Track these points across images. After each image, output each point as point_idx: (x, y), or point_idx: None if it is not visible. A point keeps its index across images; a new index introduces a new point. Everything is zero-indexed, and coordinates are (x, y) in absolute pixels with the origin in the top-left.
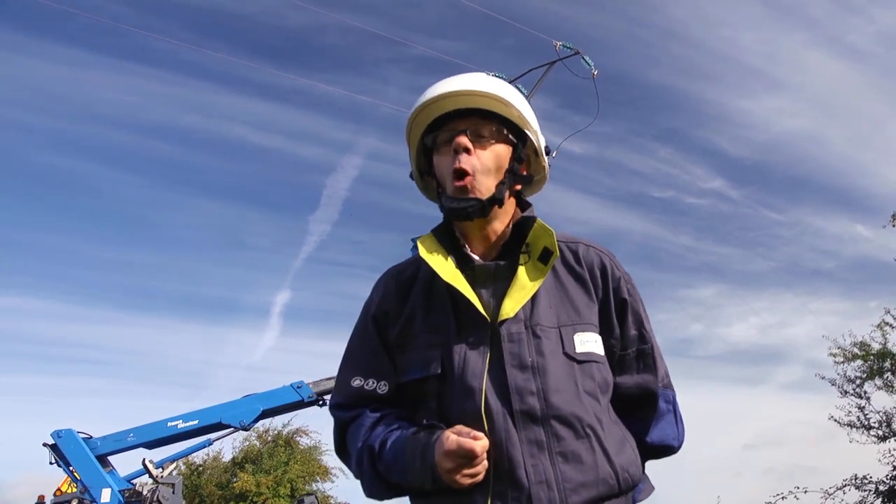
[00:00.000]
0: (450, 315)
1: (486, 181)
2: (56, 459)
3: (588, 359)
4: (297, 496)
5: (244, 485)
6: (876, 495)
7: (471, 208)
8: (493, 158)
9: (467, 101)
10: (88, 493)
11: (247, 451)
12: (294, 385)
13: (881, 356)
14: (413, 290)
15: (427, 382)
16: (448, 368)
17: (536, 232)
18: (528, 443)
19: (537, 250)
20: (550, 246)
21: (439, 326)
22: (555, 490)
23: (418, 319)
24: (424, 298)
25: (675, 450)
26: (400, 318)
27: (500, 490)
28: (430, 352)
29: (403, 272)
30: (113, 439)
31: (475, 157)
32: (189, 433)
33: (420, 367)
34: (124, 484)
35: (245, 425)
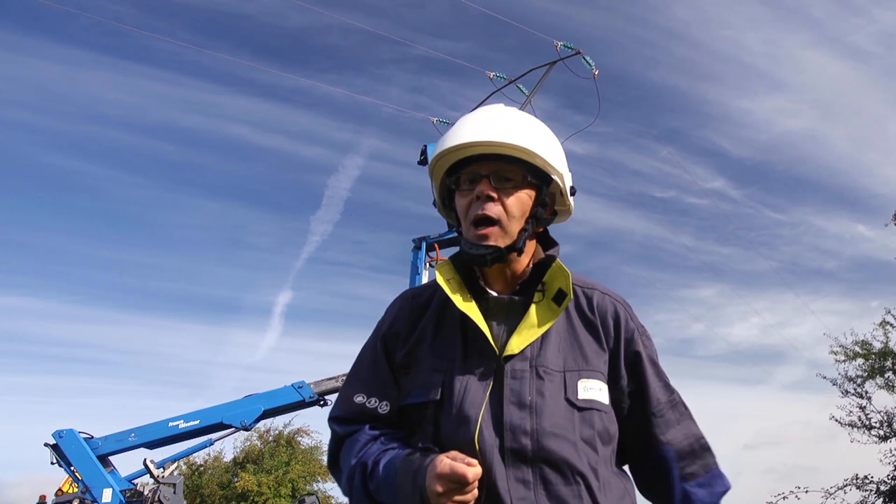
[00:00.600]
0: (458, 343)
1: (507, 229)
2: (57, 459)
3: (589, 406)
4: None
5: (245, 484)
6: (877, 495)
7: (489, 256)
8: (516, 205)
9: (500, 149)
10: (90, 493)
11: (248, 451)
12: (295, 385)
13: (882, 355)
14: (426, 314)
15: (426, 407)
16: (447, 396)
17: (553, 272)
18: (515, 480)
19: (552, 290)
20: (565, 288)
21: (446, 353)
22: None
23: (426, 343)
24: (436, 323)
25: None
26: (409, 340)
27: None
28: (433, 377)
29: (419, 296)
30: (114, 439)
31: (498, 204)
32: (190, 433)
33: (421, 392)
34: (125, 484)
35: (246, 425)
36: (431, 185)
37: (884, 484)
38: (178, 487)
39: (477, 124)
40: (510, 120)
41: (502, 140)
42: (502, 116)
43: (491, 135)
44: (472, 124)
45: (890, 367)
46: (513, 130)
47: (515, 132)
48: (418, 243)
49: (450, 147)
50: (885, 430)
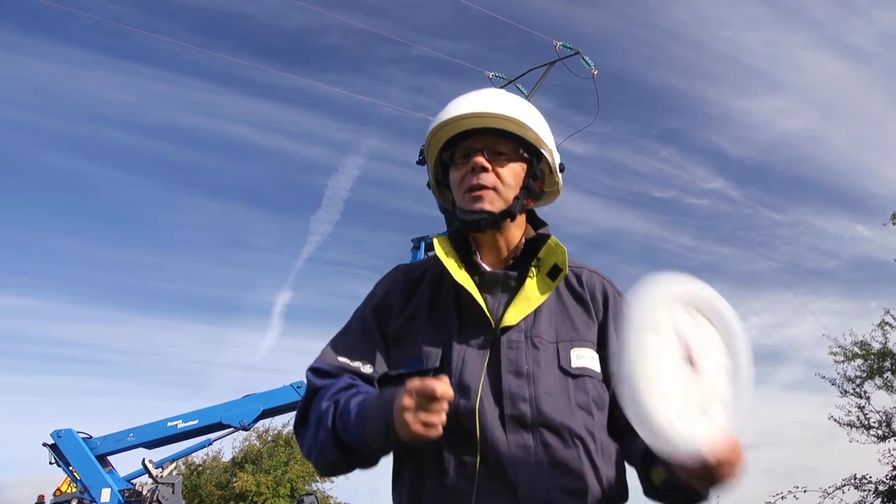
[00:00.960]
0: (453, 316)
1: (502, 195)
2: (56, 459)
3: (582, 373)
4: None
5: (244, 485)
6: (875, 495)
7: (483, 221)
8: (510, 175)
9: (485, 121)
10: (88, 493)
11: (246, 451)
12: (294, 385)
13: (881, 355)
14: (419, 288)
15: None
16: (446, 365)
17: (549, 248)
18: (516, 446)
19: (547, 266)
20: (561, 263)
21: (442, 325)
22: (542, 495)
23: (421, 317)
24: (430, 298)
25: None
26: (403, 313)
27: (488, 488)
28: (430, 347)
29: (412, 271)
30: (113, 439)
31: (491, 174)
32: (189, 433)
33: (417, 362)
34: (124, 484)
35: (245, 425)
36: (426, 165)
37: (882, 484)
38: (176, 487)
39: (471, 100)
40: (502, 97)
41: (497, 111)
42: (495, 94)
43: (486, 107)
44: (466, 100)
45: (889, 368)
46: (505, 105)
47: (508, 106)
48: (417, 243)
49: (447, 119)
50: (884, 430)
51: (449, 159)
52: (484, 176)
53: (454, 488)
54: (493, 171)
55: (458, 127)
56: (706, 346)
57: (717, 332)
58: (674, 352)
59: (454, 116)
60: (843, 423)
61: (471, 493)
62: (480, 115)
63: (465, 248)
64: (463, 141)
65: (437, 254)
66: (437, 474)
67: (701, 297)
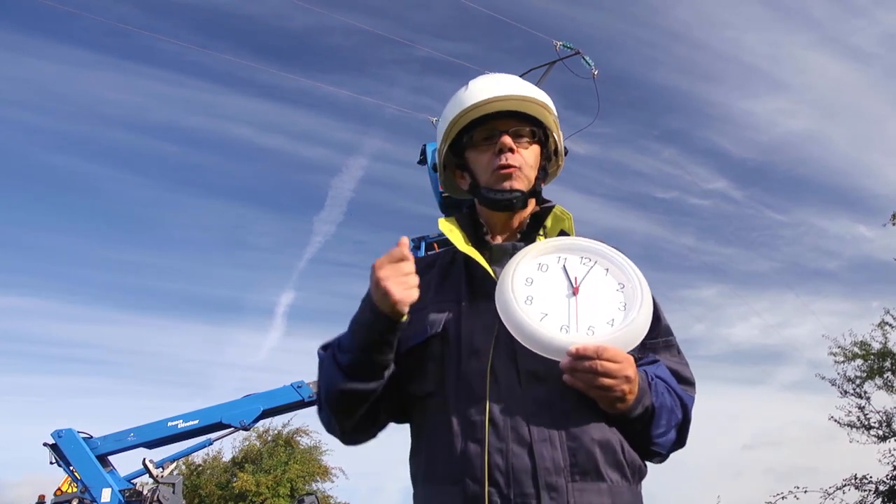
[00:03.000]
0: (463, 286)
1: (527, 175)
2: (56, 459)
3: None
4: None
5: (244, 484)
6: (876, 495)
7: (515, 199)
8: (531, 156)
9: (511, 104)
10: (89, 493)
11: (247, 451)
12: (294, 385)
13: (881, 356)
14: (431, 271)
15: (428, 345)
16: (454, 331)
17: (556, 216)
18: (532, 402)
19: (554, 232)
20: (568, 229)
21: (450, 297)
22: (558, 448)
23: (430, 294)
24: (439, 279)
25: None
26: None
27: (500, 446)
28: (437, 315)
29: (424, 259)
30: (113, 439)
31: (518, 155)
32: (189, 433)
33: (423, 331)
34: (124, 484)
35: (245, 425)
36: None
37: (882, 484)
38: (177, 487)
39: (495, 83)
40: (520, 82)
41: (524, 95)
42: (512, 79)
43: (513, 90)
44: (489, 84)
45: (889, 368)
46: (528, 89)
47: (530, 90)
48: (417, 243)
49: (477, 102)
50: (884, 430)
51: (472, 140)
52: (512, 156)
53: (464, 448)
54: (519, 152)
55: (484, 110)
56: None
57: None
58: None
59: (484, 100)
60: (843, 424)
61: (482, 451)
62: (509, 98)
63: (473, 230)
64: (483, 124)
65: (441, 229)
66: (448, 437)
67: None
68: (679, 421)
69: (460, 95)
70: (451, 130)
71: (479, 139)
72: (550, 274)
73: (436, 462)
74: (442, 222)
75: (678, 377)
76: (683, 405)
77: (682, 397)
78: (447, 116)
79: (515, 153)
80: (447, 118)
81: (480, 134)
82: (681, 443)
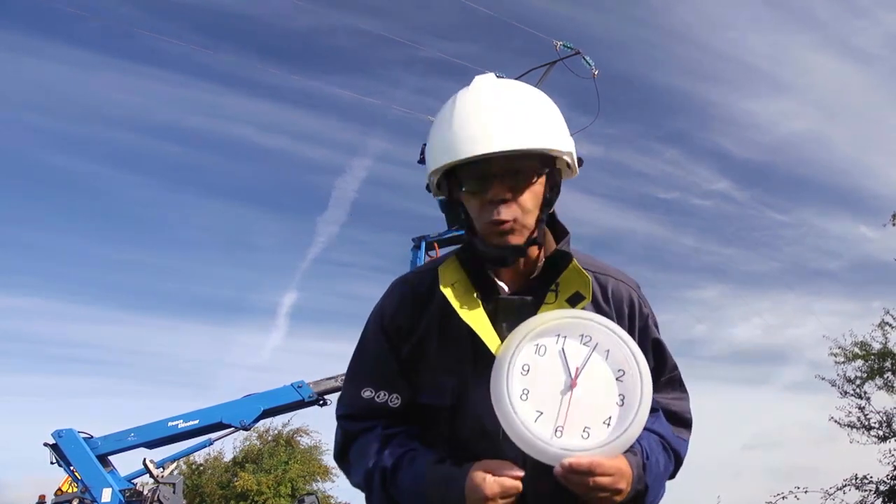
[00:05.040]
0: (467, 345)
1: (525, 224)
2: (57, 459)
3: None
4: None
5: (245, 484)
6: (876, 495)
7: (510, 257)
8: (530, 200)
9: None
10: (89, 493)
11: (247, 451)
12: (294, 385)
13: (881, 356)
14: (429, 307)
15: (440, 411)
16: (462, 405)
17: (570, 274)
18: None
19: (567, 292)
20: (584, 293)
21: (455, 353)
22: None
23: (434, 341)
24: (440, 320)
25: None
26: (413, 335)
27: None
28: (445, 379)
29: (419, 285)
30: (114, 439)
31: (512, 204)
32: (190, 433)
33: (433, 394)
34: (125, 483)
35: (245, 425)
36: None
37: (883, 484)
38: (177, 487)
39: (482, 125)
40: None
41: (519, 146)
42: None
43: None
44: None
45: (889, 368)
46: (523, 125)
47: (526, 126)
48: (418, 242)
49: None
50: (885, 430)
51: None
52: (505, 210)
53: None
54: (514, 198)
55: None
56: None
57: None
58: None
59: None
60: (843, 424)
61: None
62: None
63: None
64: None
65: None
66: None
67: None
68: (671, 472)
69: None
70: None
71: (473, 183)
72: (548, 359)
73: None
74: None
75: (676, 418)
76: (677, 457)
77: (677, 451)
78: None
79: (509, 204)
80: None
81: (473, 175)
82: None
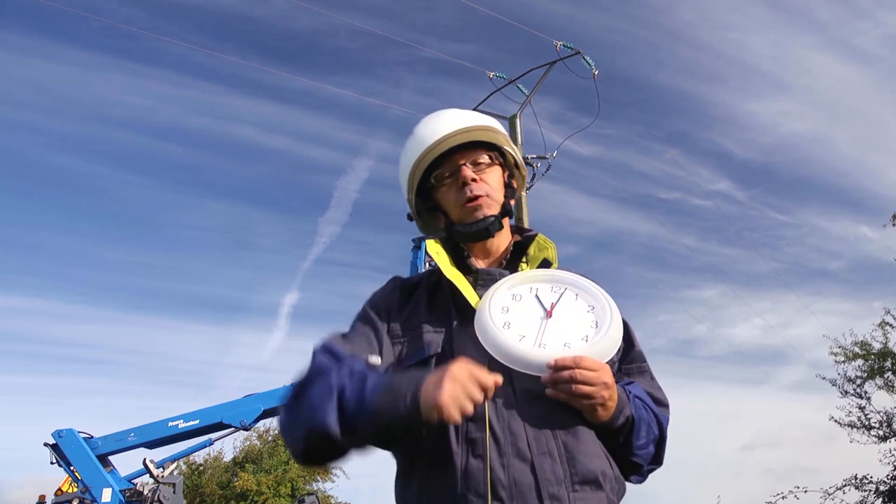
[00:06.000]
0: (451, 311)
1: (495, 198)
2: (57, 459)
3: None
4: (298, 496)
5: (245, 484)
6: (876, 495)
7: (490, 226)
8: (494, 179)
9: (465, 136)
10: (89, 493)
11: (247, 451)
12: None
13: (882, 356)
14: (417, 291)
15: (426, 365)
16: (449, 351)
17: (538, 244)
18: (529, 417)
19: (536, 261)
20: (551, 258)
21: (442, 319)
22: (557, 460)
23: (421, 314)
24: (428, 299)
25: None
26: (402, 313)
27: (502, 461)
28: (433, 337)
29: (408, 280)
30: (114, 439)
31: (482, 183)
32: (190, 433)
33: (420, 351)
34: (125, 483)
35: (246, 425)
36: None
37: (883, 484)
38: (177, 487)
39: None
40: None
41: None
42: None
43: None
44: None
45: (889, 368)
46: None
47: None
48: (418, 243)
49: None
50: (885, 430)
51: (436, 181)
52: (476, 186)
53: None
54: (481, 179)
55: (436, 151)
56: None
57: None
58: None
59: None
60: (843, 424)
61: (485, 467)
62: (455, 133)
63: (457, 255)
64: (442, 163)
65: (429, 251)
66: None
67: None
68: (656, 436)
69: (410, 144)
70: (414, 178)
71: (442, 178)
72: (524, 302)
73: (433, 479)
74: (430, 244)
75: (653, 399)
76: (659, 422)
77: (658, 415)
78: (405, 167)
79: (479, 182)
80: (405, 168)
81: (441, 173)
82: (658, 460)
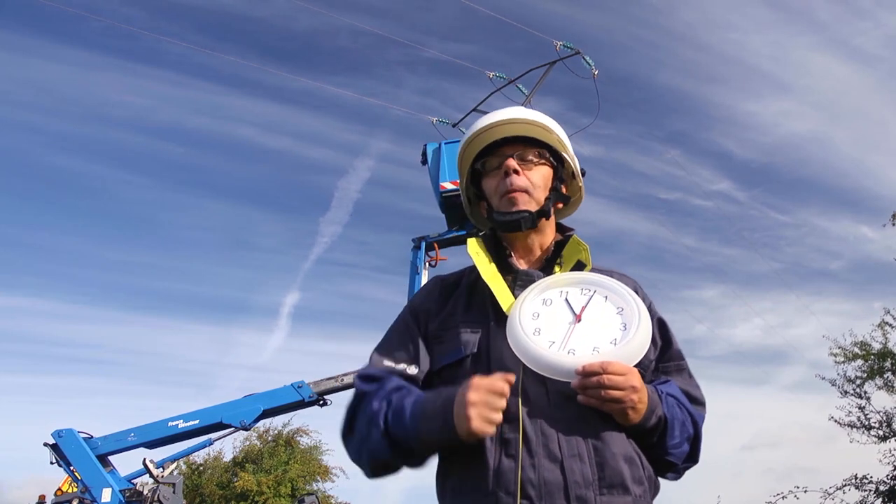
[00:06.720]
0: (489, 311)
1: (534, 196)
2: (57, 459)
3: None
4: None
5: (245, 484)
6: (876, 495)
7: (522, 220)
8: (539, 177)
9: (514, 129)
10: (89, 493)
11: (247, 451)
12: (295, 385)
13: (881, 356)
14: (456, 291)
15: (462, 364)
16: (485, 351)
17: (571, 246)
18: (561, 419)
19: (570, 262)
20: (584, 259)
21: (479, 319)
22: (587, 462)
23: (458, 315)
24: (467, 299)
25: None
26: (440, 314)
27: (533, 462)
28: (469, 337)
29: (448, 279)
30: (114, 439)
31: (523, 177)
32: (190, 433)
33: (457, 351)
34: (125, 483)
35: (246, 425)
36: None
37: (883, 484)
38: (177, 487)
39: (500, 113)
40: (525, 110)
41: (525, 118)
42: (516, 109)
43: (514, 115)
44: (492, 114)
45: (889, 368)
46: (530, 114)
47: (533, 115)
48: (418, 243)
49: (477, 130)
50: (885, 430)
51: (482, 168)
52: (516, 179)
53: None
54: (525, 174)
55: (490, 137)
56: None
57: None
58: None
59: (486, 126)
60: (843, 424)
61: (516, 466)
62: (509, 121)
63: (498, 251)
64: (492, 153)
65: (468, 251)
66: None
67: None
68: (691, 435)
69: (469, 131)
70: (465, 163)
71: (490, 167)
72: (554, 307)
73: (468, 477)
74: (471, 244)
75: (689, 397)
76: (694, 421)
77: (692, 413)
78: (459, 152)
79: (521, 175)
80: (459, 154)
81: (490, 163)
82: (693, 458)
